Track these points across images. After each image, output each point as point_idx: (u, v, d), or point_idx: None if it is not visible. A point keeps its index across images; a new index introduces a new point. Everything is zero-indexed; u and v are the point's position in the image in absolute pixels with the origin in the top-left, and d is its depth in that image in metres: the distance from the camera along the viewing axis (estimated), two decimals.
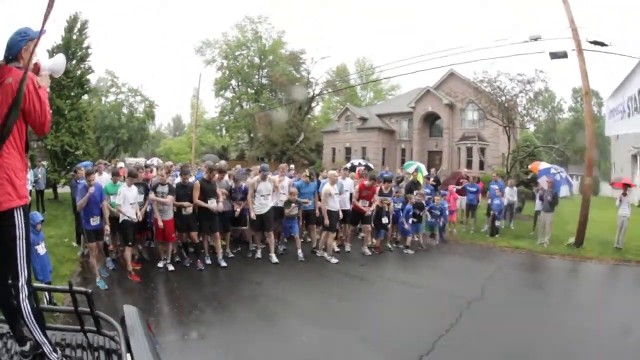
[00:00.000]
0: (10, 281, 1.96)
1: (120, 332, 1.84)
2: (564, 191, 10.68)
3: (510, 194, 11.79)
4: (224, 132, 42.22)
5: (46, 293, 4.46)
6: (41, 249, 4.80)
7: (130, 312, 1.61)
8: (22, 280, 1.98)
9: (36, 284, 2.30)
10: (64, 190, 13.81)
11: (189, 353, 4.12)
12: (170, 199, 6.81)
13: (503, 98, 18.13)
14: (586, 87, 10.06)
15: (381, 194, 8.72)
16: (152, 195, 6.87)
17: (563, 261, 8.82)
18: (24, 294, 1.97)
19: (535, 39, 11.22)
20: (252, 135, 37.03)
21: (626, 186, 9.66)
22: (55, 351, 1.95)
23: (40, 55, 2.14)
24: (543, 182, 10.82)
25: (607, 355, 4.28)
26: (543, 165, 12.03)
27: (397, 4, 70.23)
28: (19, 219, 1.98)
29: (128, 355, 1.44)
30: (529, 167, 13.89)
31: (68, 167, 14.45)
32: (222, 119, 40.32)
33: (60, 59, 2.23)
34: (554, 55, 10.51)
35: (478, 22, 71.48)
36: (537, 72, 17.61)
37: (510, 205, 11.91)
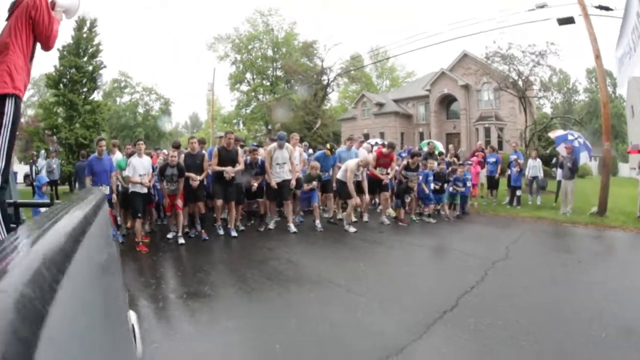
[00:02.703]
0: None
1: None
2: (583, 158, 10.13)
3: (534, 166, 11.01)
4: (241, 125, 42.15)
5: None
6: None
7: (96, 191, 1.32)
8: None
9: (20, 200, 2.25)
10: None
11: (189, 310, 3.82)
12: (181, 182, 6.65)
13: (517, 69, 17.57)
14: (596, 51, 9.47)
15: (408, 169, 8.30)
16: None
17: (587, 229, 8.31)
18: None
19: (542, 7, 11.15)
20: (269, 126, 36.79)
21: None
22: None
23: None
24: (561, 149, 10.19)
25: None
26: (559, 132, 11.37)
27: None
28: (9, 107, 1.98)
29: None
30: (550, 135, 13.13)
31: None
32: (238, 112, 40.22)
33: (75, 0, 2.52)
34: (562, 21, 10.32)
35: None
36: (549, 44, 16.96)
37: (534, 179, 11.10)
